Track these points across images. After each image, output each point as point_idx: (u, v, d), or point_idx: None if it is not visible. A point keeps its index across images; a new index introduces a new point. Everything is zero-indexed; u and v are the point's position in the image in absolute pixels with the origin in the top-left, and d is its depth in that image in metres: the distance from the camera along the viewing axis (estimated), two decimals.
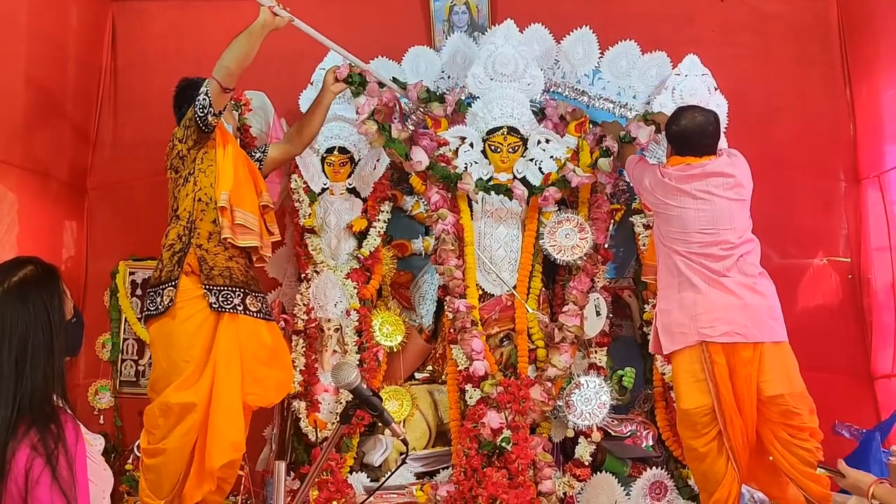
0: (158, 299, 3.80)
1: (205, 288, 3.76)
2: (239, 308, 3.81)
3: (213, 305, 3.75)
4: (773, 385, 3.60)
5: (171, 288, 3.77)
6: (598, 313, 4.42)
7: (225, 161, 3.85)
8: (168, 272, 3.82)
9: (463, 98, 4.61)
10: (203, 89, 3.76)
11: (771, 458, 3.71)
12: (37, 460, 2.09)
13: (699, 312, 3.67)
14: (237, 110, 4.39)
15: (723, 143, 4.27)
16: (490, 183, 4.53)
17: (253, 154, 4.24)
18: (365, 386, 2.46)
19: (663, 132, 4.15)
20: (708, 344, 3.64)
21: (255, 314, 3.86)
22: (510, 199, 4.50)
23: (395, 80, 4.50)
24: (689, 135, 3.82)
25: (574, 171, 4.43)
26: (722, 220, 3.72)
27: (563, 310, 4.46)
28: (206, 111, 3.76)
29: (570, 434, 4.34)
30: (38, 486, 2.08)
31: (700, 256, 3.71)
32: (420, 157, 4.41)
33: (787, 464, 3.62)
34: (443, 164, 4.48)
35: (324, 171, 4.72)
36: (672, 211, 3.79)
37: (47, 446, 2.10)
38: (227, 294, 3.80)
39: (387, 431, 4.38)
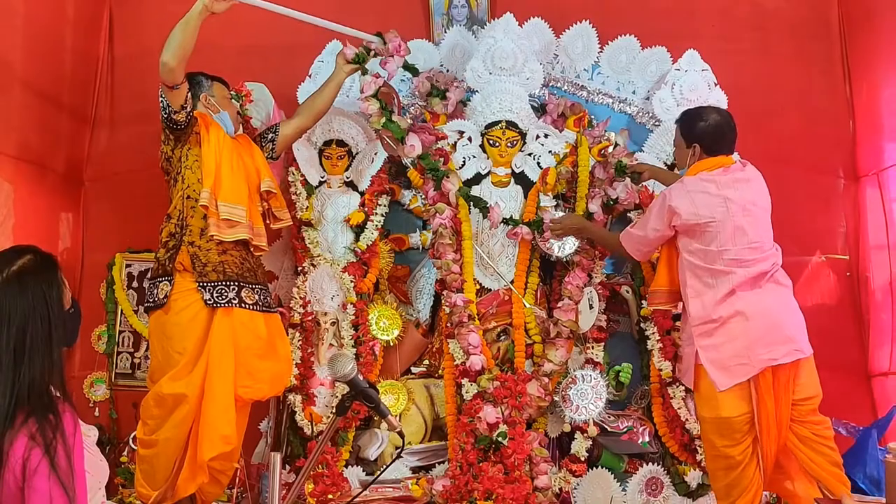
0: (155, 291, 3.83)
1: (198, 285, 3.75)
2: (234, 302, 3.79)
3: (208, 302, 3.74)
4: (806, 388, 3.58)
5: (167, 282, 3.79)
6: (590, 306, 4.40)
7: (207, 156, 3.81)
8: (163, 267, 3.83)
9: (461, 98, 4.61)
10: (159, 90, 3.77)
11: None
12: (35, 450, 2.08)
13: (753, 340, 3.53)
14: (238, 101, 4.37)
15: None
16: (471, 194, 4.52)
17: (265, 136, 4.22)
18: (361, 377, 2.42)
19: (642, 180, 4.32)
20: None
21: (250, 307, 3.84)
22: (485, 216, 4.50)
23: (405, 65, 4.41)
24: (722, 129, 3.74)
25: (552, 223, 4.44)
26: (763, 231, 3.68)
27: (559, 305, 4.45)
28: (167, 111, 3.78)
29: (567, 429, 4.34)
30: (36, 476, 2.07)
31: (743, 267, 3.58)
32: (414, 142, 4.39)
33: (814, 465, 3.56)
34: (437, 158, 4.47)
35: (321, 163, 4.71)
36: (713, 227, 3.59)
37: (45, 436, 2.10)
38: (222, 289, 3.78)
39: (383, 425, 4.37)
